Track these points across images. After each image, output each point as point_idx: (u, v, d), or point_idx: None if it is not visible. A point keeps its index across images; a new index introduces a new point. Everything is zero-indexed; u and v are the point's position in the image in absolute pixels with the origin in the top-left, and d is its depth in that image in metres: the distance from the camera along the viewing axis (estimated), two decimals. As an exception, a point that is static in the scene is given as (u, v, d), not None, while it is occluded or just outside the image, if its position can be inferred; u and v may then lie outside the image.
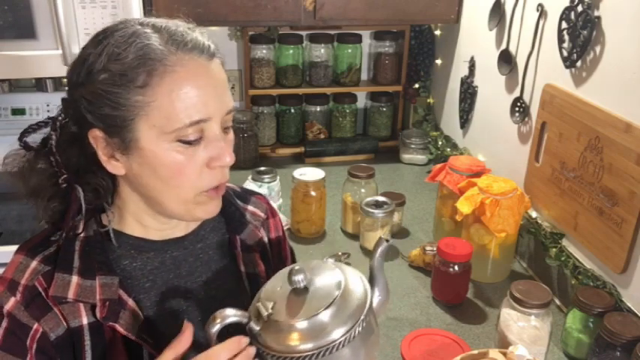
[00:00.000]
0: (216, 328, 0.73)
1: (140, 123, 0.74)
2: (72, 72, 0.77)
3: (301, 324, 0.71)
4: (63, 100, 0.81)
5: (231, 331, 0.75)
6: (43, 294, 0.78)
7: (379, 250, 0.82)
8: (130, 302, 0.81)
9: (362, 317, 0.73)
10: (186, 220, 0.87)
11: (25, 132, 0.83)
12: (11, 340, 0.77)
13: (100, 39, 0.76)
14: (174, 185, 0.78)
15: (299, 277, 0.74)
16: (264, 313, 0.73)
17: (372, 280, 0.81)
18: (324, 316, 0.72)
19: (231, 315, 0.74)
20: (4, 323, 0.77)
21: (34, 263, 0.80)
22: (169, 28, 0.76)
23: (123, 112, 0.74)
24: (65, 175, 0.80)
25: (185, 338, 0.75)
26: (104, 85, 0.73)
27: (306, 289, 0.75)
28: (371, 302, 0.76)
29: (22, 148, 0.82)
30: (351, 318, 0.72)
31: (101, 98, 0.74)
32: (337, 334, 0.71)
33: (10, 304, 0.77)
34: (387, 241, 0.82)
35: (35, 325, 0.77)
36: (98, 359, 0.80)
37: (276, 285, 0.78)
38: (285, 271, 0.80)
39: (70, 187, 0.81)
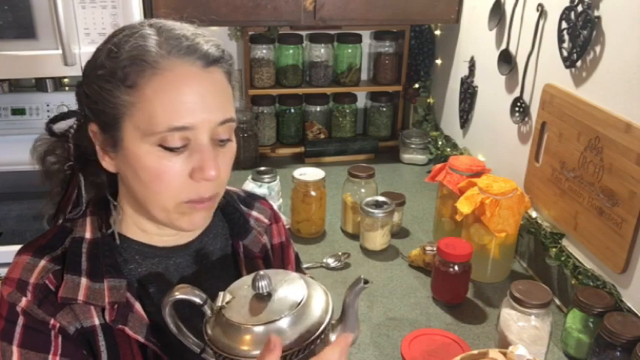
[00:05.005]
0: (171, 298, 0.74)
1: (126, 123, 0.74)
2: (85, 67, 0.80)
3: (247, 328, 0.69)
4: (75, 93, 0.83)
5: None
6: (54, 291, 0.77)
7: (355, 290, 0.79)
8: (137, 306, 0.81)
9: (305, 343, 0.69)
10: (173, 229, 0.82)
11: (54, 119, 0.87)
12: (31, 335, 0.76)
13: (110, 36, 0.77)
14: (154, 191, 0.76)
15: (262, 283, 0.72)
16: (217, 304, 0.74)
17: (342, 315, 0.79)
18: (270, 327, 0.69)
19: (189, 292, 0.74)
20: (21, 320, 0.76)
21: (42, 262, 0.79)
22: (172, 31, 0.75)
23: (112, 110, 0.74)
24: (71, 163, 0.85)
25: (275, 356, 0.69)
26: (100, 81, 0.74)
27: (268, 295, 0.73)
28: (325, 329, 0.72)
29: (48, 133, 0.86)
30: (299, 336, 0.70)
31: (96, 94, 0.75)
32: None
33: (23, 303, 0.76)
34: (366, 282, 0.79)
35: (52, 321, 0.77)
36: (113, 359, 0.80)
37: (246, 283, 0.76)
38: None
39: (74, 174, 0.85)
